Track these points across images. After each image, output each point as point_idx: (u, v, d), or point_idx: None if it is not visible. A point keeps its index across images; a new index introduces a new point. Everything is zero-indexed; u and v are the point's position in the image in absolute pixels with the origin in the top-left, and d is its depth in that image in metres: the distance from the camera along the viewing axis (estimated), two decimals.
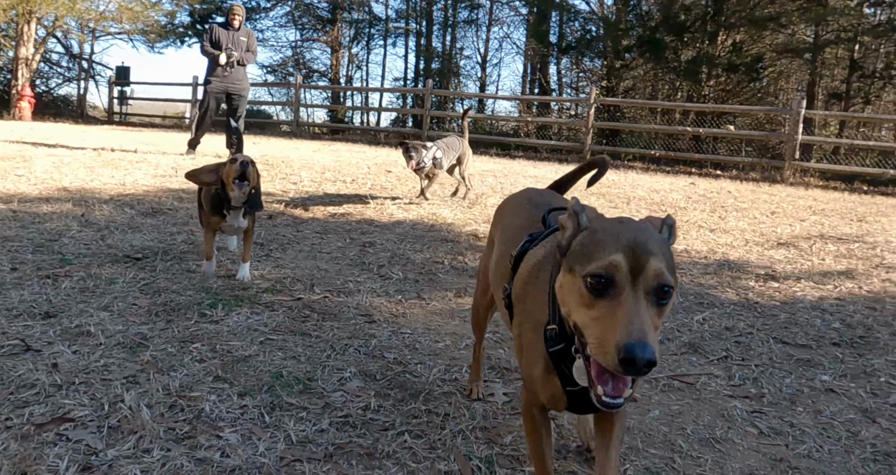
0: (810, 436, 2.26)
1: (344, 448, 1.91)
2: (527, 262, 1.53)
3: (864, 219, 7.58)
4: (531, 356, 1.43)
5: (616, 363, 1.03)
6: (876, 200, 10.36)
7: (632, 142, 17.17)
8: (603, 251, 1.13)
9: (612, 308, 1.09)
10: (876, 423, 2.43)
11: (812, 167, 12.95)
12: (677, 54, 17.35)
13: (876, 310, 3.99)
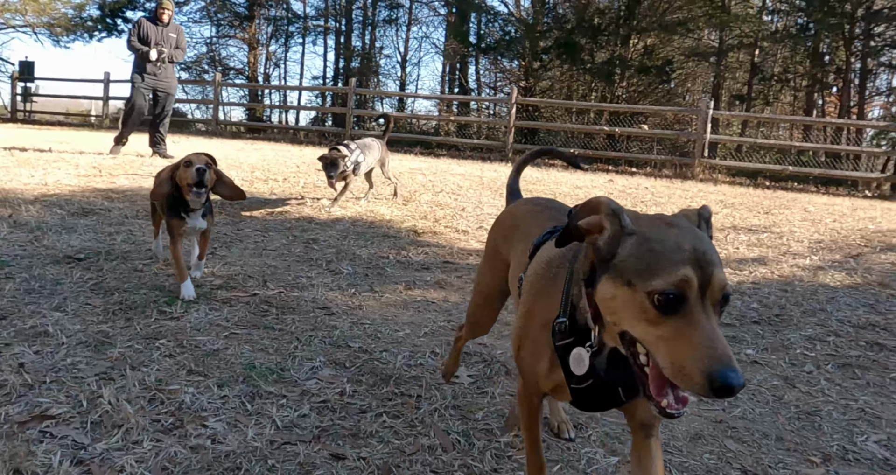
0: (742, 401, 2.52)
1: (328, 430, 2.00)
2: (542, 255, 1.49)
3: (770, 211, 8.17)
4: (535, 348, 1.42)
5: (708, 391, 0.99)
6: (777, 194, 11.12)
7: (549, 141, 17.69)
8: (669, 264, 1.06)
9: (686, 328, 1.03)
10: (796, 388, 2.72)
11: (719, 164, 13.76)
12: (592, 56, 18.03)
13: (787, 291, 4.39)
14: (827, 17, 16.06)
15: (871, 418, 2.46)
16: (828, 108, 20.40)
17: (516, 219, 1.88)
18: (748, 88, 19.78)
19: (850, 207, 9.39)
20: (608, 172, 13.64)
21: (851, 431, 2.34)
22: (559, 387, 1.38)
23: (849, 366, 3.11)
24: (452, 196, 7.25)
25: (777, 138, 17.74)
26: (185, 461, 1.75)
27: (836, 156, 15.87)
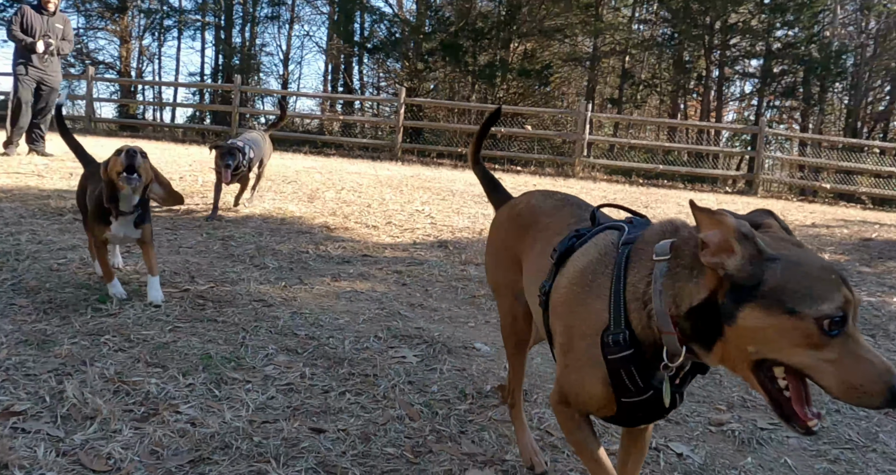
0: None
1: (299, 409, 2.11)
2: (577, 262, 1.40)
3: (648, 205, 8.89)
4: (581, 364, 1.32)
5: (892, 402, 1.01)
6: (650, 191, 12.03)
7: (434, 140, 18.02)
8: (830, 287, 1.06)
9: (852, 347, 1.04)
10: None
11: (597, 163, 14.64)
12: (475, 59, 18.60)
13: None
14: (690, 29, 17.54)
15: None
16: (689, 111, 22.21)
17: (533, 214, 1.76)
18: (619, 92, 21.14)
19: (715, 202, 10.38)
20: (494, 171, 14.16)
21: (745, 385, 2.74)
22: (605, 405, 1.31)
23: None
24: (354, 193, 7.34)
25: (644, 139, 19.13)
26: (171, 444, 1.80)
27: (699, 155, 17.28)
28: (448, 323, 3.28)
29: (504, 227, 1.89)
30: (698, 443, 2.20)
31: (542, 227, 1.67)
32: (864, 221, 9.52)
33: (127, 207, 2.86)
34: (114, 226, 2.90)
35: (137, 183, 2.77)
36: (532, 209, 1.79)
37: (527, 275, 1.68)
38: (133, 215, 2.91)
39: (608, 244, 1.37)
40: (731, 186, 14.76)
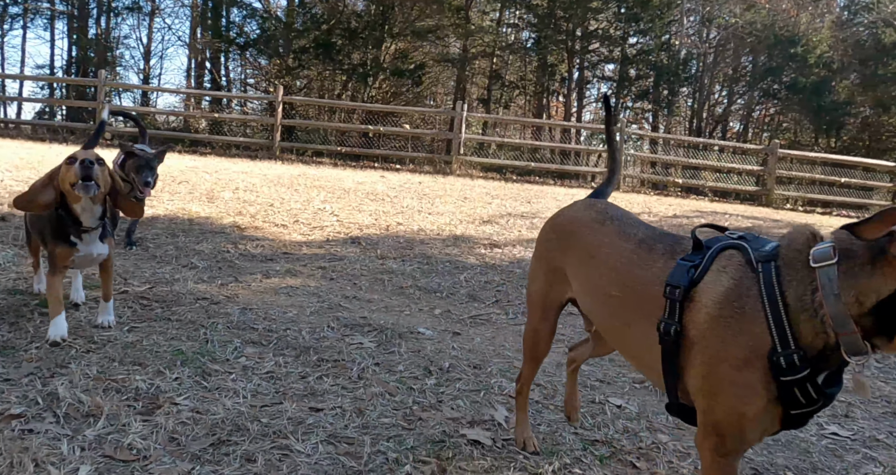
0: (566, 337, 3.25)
1: (287, 393, 2.26)
2: (711, 293, 1.33)
3: (530, 200, 9.49)
4: (744, 392, 1.27)
5: None
6: (526, 187, 12.74)
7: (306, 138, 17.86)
8: None
9: None
10: None
11: (474, 161, 15.23)
12: (349, 57, 18.63)
13: None
14: (553, 34, 18.63)
15: None
16: (552, 111, 23.53)
17: (573, 225, 1.77)
18: (488, 92, 22.00)
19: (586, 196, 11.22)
20: (374, 169, 14.34)
21: None
22: (768, 428, 1.31)
23: None
24: (252, 193, 7.30)
25: (511, 137, 20.10)
26: (186, 431, 1.91)
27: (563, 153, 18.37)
28: (386, 312, 3.50)
29: (546, 239, 1.88)
30: (630, 397, 2.59)
31: (589, 247, 1.66)
32: (714, 212, 10.72)
33: (91, 221, 2.50)
34: (81, 246, 2.51)
35: (96, 191, 2.42)
36: (572, 221, 1.80)
37: (600, 308, 1.63)
38: (99, 230, 2.56)
39: (738, 266, 1.33)
40: (597, 182, 15.89)
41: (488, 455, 1.95)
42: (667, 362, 1.38)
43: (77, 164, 2.39)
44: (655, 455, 2.09)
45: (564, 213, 1.88)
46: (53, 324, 2.45)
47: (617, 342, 1.66)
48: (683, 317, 1.35)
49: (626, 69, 20.37)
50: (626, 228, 1.62)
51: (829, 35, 20.05)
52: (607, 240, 1.62)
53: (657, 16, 18.74)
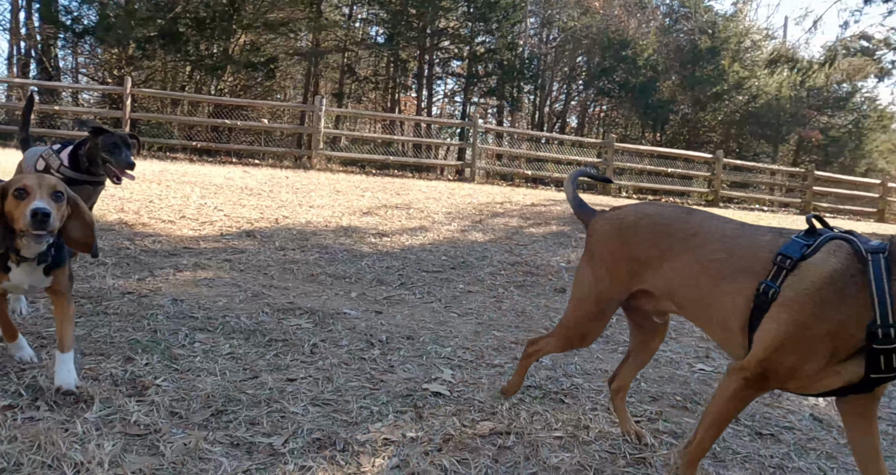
0: (473, 310, 3.70)
1: (255, 369, 2.47)
2: (820, 269, 1.56)
3: (399, 193, 9.87)
4: (817, 353, 1.52)
5: None
6: (387, 180, 13.03)
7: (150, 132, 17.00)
8: None
9: None
10: (502, 302, 4.04)
11: (335, 155, 15.33)
12: (198, 48, 17.92)
13: (456, 247, 5.84)
14: (405, 31, 19.09)
15: (545, 310, 3.90)
16: (404, 106, 24.05)
17: (664, 223, 1.91)
18: (339, 86, 22.07)
19: (447, 188, 11.77)
20: (234, 165, 14.00)
21: (547, 319, 3.71)
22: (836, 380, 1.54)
23: (521, 286, 4.60)
24: (125, 190, 7.03)
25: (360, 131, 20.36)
26: (183, 406, 2.07)
27: (417, 146, 18.91)
28: (307, 297, 3.72)
29: (617, 239, 1.98)
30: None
31: (687, 229, 1.84)
32: (564, 200, 11.70)
33: (31, 254, 2.08)
34: (14, 273, 2.11)
35: (49, 239, 2.00)
36: (648, 216, 1.95)
37: (687, 276, 1.80)
38: (40, 259, 2.11)
39: (847, 254, 1.56)
40: (451, 174, 16.60)
41: (451, 402, 2.31)
42: (753, 321, 1.62)
43: (29, 209, 1.90)
44: (576, 393, 2.56)
45: (630, 214, 2.00)
46: (16, 348, 2.29)
47: (698, 308, 1.81)
48: (783, 283, 1.58)
49: (475, 66, 21.33)
50: (716, 217, 1.88)
51: (654, 40, 22.31)
52: (707, 223, 1.84)
53: (504, 17, 19.83)
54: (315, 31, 18.75)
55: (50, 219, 1.91)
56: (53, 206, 1.94)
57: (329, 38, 19.71)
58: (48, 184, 1.99)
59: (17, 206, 1.95)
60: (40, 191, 1.95)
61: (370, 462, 1.80)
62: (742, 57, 23.20)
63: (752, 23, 24.98)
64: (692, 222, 1.85)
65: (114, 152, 3.43)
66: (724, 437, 2.24)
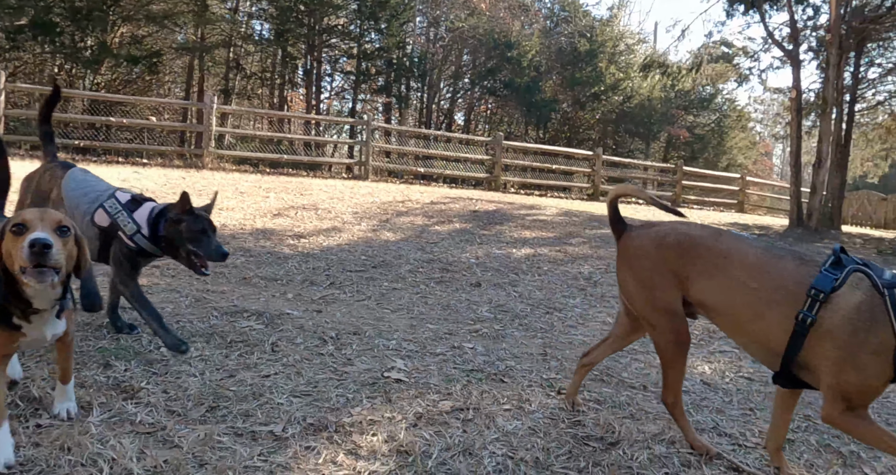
0: (403, 306, 4.05)
1: (227, 369, 2.69)
2: (849, 300, 1.84)
3: (303, 193, 9.97)
4: (873, 372, 1.79)
5: None
6: (283, 180, 12.95)
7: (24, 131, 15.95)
8: None
9: None
10: (425, 297, 4.41)
11: (227, 154, 15.05)
12: (74, 40, 16.90)
13: (371, 246, 6.14)
14: (294, 27, 18.91)
15: (467, 303, 4.32)
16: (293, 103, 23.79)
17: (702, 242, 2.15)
18: (226, 82, 21.50)
19: (346, 187, 11.93)
20: (120, 164, 13.44)
21: (470, 311, 4.13)
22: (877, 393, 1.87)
23: (440, 282, 4.99)
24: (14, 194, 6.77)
25: (245, 128, 19.98)
26: (179, 405, 2.28)
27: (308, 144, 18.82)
28: (246, 299, 3.92)
29: (655, 255, 2.22)
30: (474, 342, 3.45)
31: (722, 253, 2.09)
32: (461, 197, 12.17)
33: (46, 303, 1.85)
34: (28, 328, 1.87)
35: (54, 278, 1.74)
36: (689, 237, 2.19)
37: (723, 295, 2.06)
38: (53, 306, 1.90)
39: (868, 287, 1.85)
40: (346, 173, 16.73)
41: (412, 386, 2.65)
42: (792, 343, 1.89)
43: (26, 245, 1.67)
44: (512, 373, 2.97)
45: (670, 234, 2.23)
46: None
47: (737, 325, 2.07)
48: (819, 312, 1.85)
49: (364, 64, 21.48)
50: (741, 238, 2.14)
51: (537, 42, 23.36)
52: (735, 246, 2.09)
53: (393, 16, 20.11)
54: (200, 24, 18.19)
55: (51, 251, 1.66)
56: (58, 240, 1.72)
57: (215, 32, 19.18)
58: (52, 217, 1.76)
59: (16, 244, 1.70)
60: (42, 224, 1.72)
61: (363, 439, 2.11)
62: (617, 60, 24.82)
63: (626, 28, 26.77)
64: (723, 246, 2.10)
65: (202, 241, 2.85)
66: (638, 400, 2.73)
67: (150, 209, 2.92)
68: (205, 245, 2.84)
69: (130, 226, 2.86)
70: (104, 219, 2.89)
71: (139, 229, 2.86)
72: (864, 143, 21.98)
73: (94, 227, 2.89)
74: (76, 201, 2.95)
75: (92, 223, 2.89)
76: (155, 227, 2.86)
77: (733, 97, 28.88)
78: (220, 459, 1.91)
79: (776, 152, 45.89)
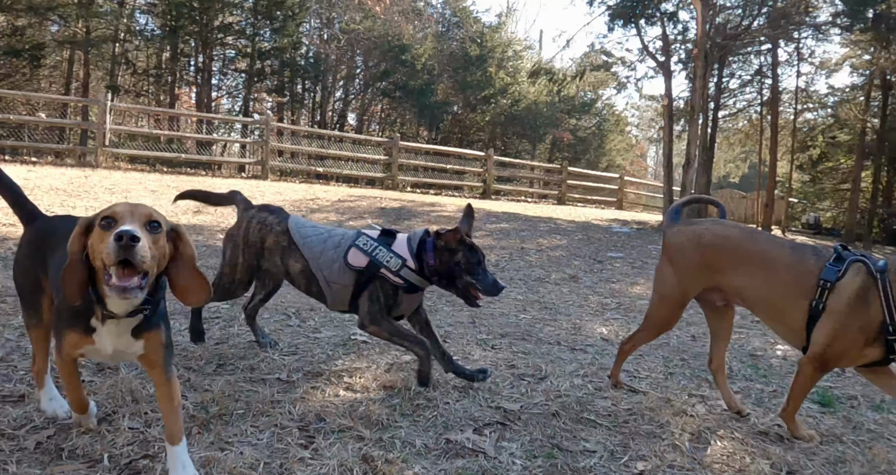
0: None
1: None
2: (850, 286, 2.23)
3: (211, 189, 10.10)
4: (859, 342, 2.21)
5: None
6: (185, 179, 12.85)
7: None
8: None
9: None
10: None
11: (121, 152, 14.69)
12: None
13: None
14: (187, 24, 18.59)
15: None
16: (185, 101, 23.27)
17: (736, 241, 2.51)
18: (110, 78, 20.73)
19: (252, 185, 12.07)
20: (7, 162, 12.84)
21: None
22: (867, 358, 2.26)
23: None
24: None
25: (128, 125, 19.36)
26: (193, 361, 2.73)
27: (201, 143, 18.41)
28: None
29: (696, 251, 2.57)
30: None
31: (755, 252, 2.46)
32: (364, 196, 12.65)
33: (120, 308, 1.65)
34: (98, 335, 1.70)
35: (138, 294, 1.55)
36: (724, 236, 2.54)
37: (756, 287, 2.44)
38: (134, 318, 1.69)
39: (865, 273, 2.23)
40: (246, 172, 16.73)
41: (375, 346, 3.21)
42: (809, 323, 2.30)
43: (112, 235, 1.49)
44: (453, 336, 3.59)
45: (707, 233, 2.58)
46: (83, 417, 1.97)
47: (766, 310, 2.48)
48: (827, 297, 2.26)
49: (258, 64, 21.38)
50: (770, 238, 2.58)
51: (431, 46, 24.15)
52: (767, 246, 2.48)
53: (289, 16, 20.19)
54: (86, 17, 17.49)
55: (138, 246, 1.47)
56: (147, 237, 1.53)
57: (102, 26, 18.49)
58: (141, 211, 1.58)
59: (103, 238, 1.53)
60: (132, 217, 1.55)
61: (353, 380, 2.66)
62: (506, 65, 26.11)
63: (514, 35, 28.18)
64: (759, 245, 2.49)
65: (478, 274, 2.67)
66: (555, 351, 3.43)
67: (408, 240, 2.71)
68: (482, 278, 2.65)
69: (394, 260, 2.63)
70: (360, 259, 2.66)
71: (405, 262, 2.63)
72: (726, 146, 24.54)
73: (349, 271, 2.65)
74: (318, 248, 2.74)
75: (346, 266, 2.67)
76: (420, 258, 2.66)
77: (612, 103, 31.16)
78: (249, 395, 2.40)
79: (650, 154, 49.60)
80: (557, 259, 7.58)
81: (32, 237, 2.00)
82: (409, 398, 2.51)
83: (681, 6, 15.12)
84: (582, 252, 8.39)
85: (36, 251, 1.95)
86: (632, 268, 7.51)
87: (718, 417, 2.61)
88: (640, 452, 2.19)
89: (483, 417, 2.37)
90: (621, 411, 2.57)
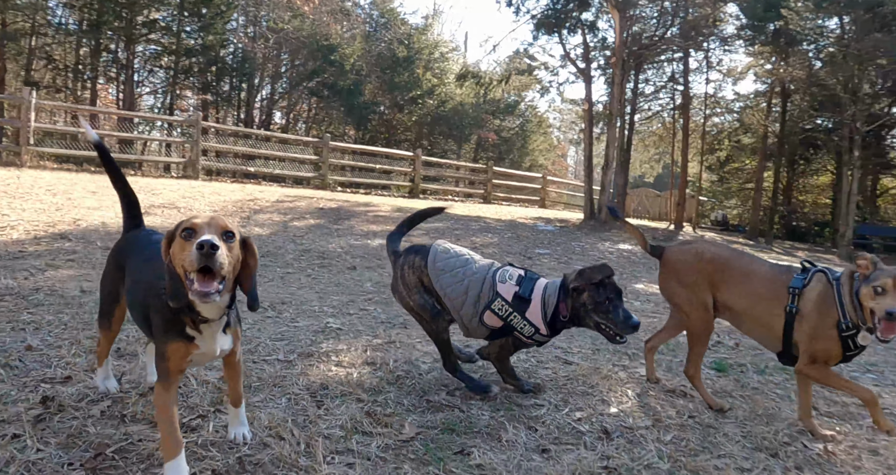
0: (305, 285, 5.06)
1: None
2: (814, 292, 2.63)
3: (154, 193, 10.22)
4: (829, 340, 2.56)
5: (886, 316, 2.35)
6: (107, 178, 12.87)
7: None
8: (886, 276, 2.41)
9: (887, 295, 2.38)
10: (316, 279, 5.42)
11: (48, 151, 14.39)
12: None
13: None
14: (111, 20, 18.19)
15: (353, 282, 5.41)
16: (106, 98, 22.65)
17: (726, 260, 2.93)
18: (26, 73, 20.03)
19: (187, 186, 12.12)
20: None
21: (357, 286, 5.23)
22: (837, 357, 2.60)
23: (322, 266, 5.99)
24: None
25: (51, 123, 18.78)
26: None
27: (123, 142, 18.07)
28: None
29: (696, 269, 2.97)
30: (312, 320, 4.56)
31: (741, 269, 2.88)
32: (300, 196, 12.90)
33: (214, 313, 1.86)
34: (201, 339, 1.89)
35: (216, 297, 1.72)
36: (719, 256, 2.96)
37: (742, 299, 2.84)
38: (222, 319, 1.93)
39: (825, 282, 2.63)
40: (176, 171, 16.60)
41: (350, 332, 3.71)
42: (787, 328, 2.68)
43: (194, 244, 1.68)
44: (411, 324, 4.12)
45: (706, 251, 3.01)
46: (172, 469, 1.84)
47: (750, 318, 2.84)
48: (798, 303, 2.66)
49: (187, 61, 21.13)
50: (754, 258, 2.98)
51: (359, 47, 24.45)
52: (753, 265, 2.89)
53: (217, 13, 20.07)
54: (2, 10, 16.85)
55: (217, 254, 1.66)
56: (223, 246, 1.71)
57: (18, 19, 17.84)
58: (217, 223, 1.77)
59: (184, 247, 1.72)
60: (209, 228, 1.74)
61: (340, 358, 3.16)
62: (433, 67, 26.71)
63: (440, 37, 28.79)
64: (744, 263, 2.91)
65: (609, 312, 2.64)
66: None
67: (543, 303, 2.74)
68: (613, 316, 2.62)
69: (528, 328, 2.75)
70: (495, 321, 2.79)
71: (538, 330, 2.75)
72: (642, 148, 26.03)
73: (484, 327, 2.82)
74: (460, 300, 2.81)
75: (482, 324, 2.82)
76: (553, 321, 2.74)
77: (535, 105, 32.29)
78: (259, 372, 2.87)
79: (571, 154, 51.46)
80: (491, 256, 8.19)
81: (120, 245, 2.33)
82: (390, 370, 3.05)
83: (600, 17, 16.14)
84: (513, 249, 9.07)
85: (116, 257, 2.29)
86: (558, 263, 8.24)
87: (637, 381, 3.27)
88: (577, 405, 2.81)
89: (451, 383, 2.93)
90: (560, 377, 3.20)
